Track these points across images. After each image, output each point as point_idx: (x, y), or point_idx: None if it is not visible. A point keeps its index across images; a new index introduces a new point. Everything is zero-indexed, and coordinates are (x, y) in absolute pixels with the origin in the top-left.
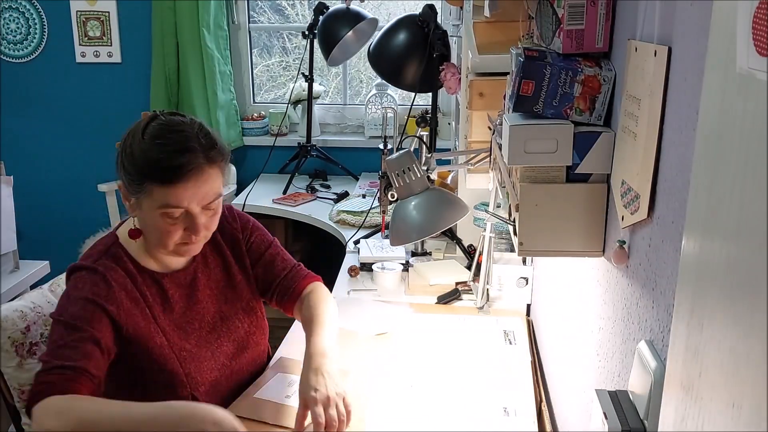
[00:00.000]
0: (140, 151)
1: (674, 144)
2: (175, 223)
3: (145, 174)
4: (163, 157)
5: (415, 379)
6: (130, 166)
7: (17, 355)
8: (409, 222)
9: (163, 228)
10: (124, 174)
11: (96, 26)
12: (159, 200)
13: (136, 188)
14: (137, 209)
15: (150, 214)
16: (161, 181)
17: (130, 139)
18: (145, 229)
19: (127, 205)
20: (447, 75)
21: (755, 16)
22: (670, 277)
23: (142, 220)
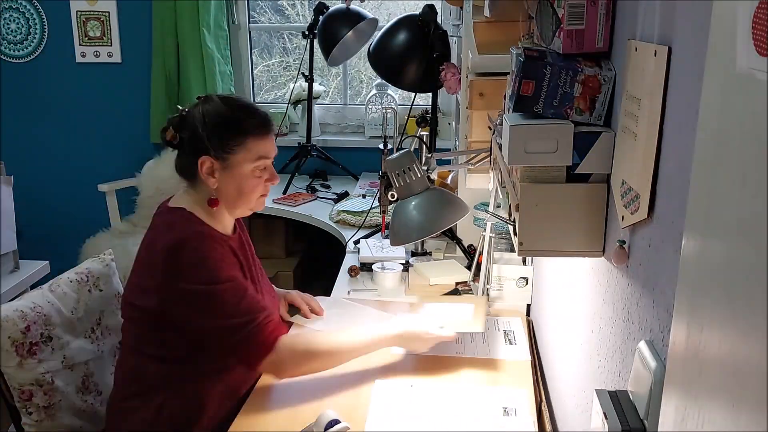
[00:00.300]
0: (236, 115)
1: (674, 144)
2: (261, 176)
3: (247, 130)
4: (252, 116)
5: (415, 380)
6: (227, 129)
7: (17, 355)
8: (409, 222)
9: (253, 182)
10: (214, 141)
11: (96, 26)
12: (256, 152)
13: (229, 149)
14: (225, 176)
15: (243, 171)
16: (259, 134)
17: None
18: (228, 193)
19: (211, 179)
20: (447, 75)
21: (755, 16)
22: (670, 277)
23: (226, 186)
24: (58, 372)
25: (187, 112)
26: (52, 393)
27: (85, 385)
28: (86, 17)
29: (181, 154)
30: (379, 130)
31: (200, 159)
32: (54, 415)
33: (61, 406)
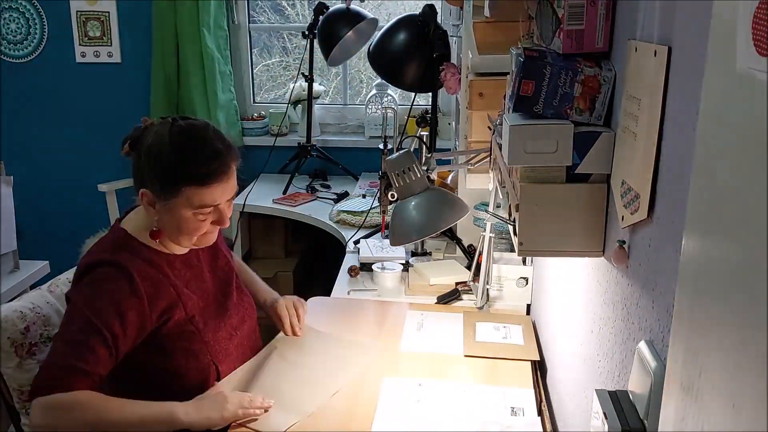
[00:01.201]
0: (175, 159)
1: (674, 144)
2: (206, 219)
3: (184, 180)
4: (198, 163)
5: (422, 379)
6: (163, 173)
7: (16, 356)
8: (409, 222)
9: (193, 225)
10: (154, 181)
11: (96, 26)
12: (196, 202)
13: (169, 193)
14: (164, 212)
15: (181, 214)
16: (199, 185)
17: (156, 148)
18: (169, 229)
19: (151, 210)
20: (447, 75)
21: (755, 16)
22: (670, 277)
23: (167, 221)
24: None
25: (145, 130)
26: None
27: None
28: (86, 17)
29: (133, 173)
30: (379, 130)
31: (141, 190)
32: None
33: None
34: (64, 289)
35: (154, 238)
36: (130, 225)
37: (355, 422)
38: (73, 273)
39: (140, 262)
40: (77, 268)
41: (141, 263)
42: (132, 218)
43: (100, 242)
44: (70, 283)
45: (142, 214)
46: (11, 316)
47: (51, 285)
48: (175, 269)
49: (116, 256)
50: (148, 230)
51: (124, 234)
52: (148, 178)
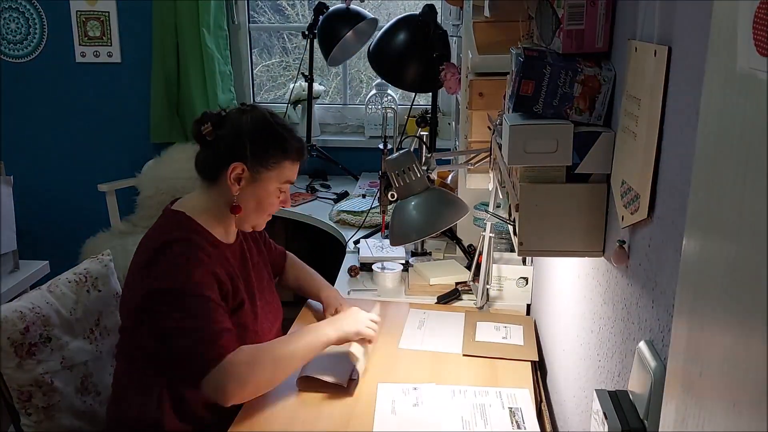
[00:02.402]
0: (280, 134)
1: (674, 144)
2: (280, 197)
3: (286, 153)
4: (294, 140)
5: (417, 383)
6: (267, 145)
7: (16, 356)
8: (409, 222)
9: (272, 200)
10: (257, 152)
11: (96, 26)
12: (286, 175)
13: (267, 166)
14: (250, 187)
15: (268, 188)
16: (296, 159)
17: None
18: (246, 204)
19: (235, 186)
20: (447, 75)
21: (756, 16)
22: (670, 277)
23: (247, 196)
24: (57, 373)
25: (229, 113)
26: (51, 394)
27: (84, 386)
28: (86, 17)
29: (210, 153)
30: (378, 130)
31: (233, 164)
32: (53, 416)
33: (60, 407)
34: (63, 289)
35: (234, 213)
36: (186, 208)
37: (354, 427)
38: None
39: (206, 243)
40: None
41: (207, 245)
42: (187, 202)
43: (161, 225)
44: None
45: (198, 199)
46: (11, 316)
47: (51, 285)
48: (228, 257)
49: (186, 234)
50: (206, 213)
51: (183, 216)
52: (252, 150)
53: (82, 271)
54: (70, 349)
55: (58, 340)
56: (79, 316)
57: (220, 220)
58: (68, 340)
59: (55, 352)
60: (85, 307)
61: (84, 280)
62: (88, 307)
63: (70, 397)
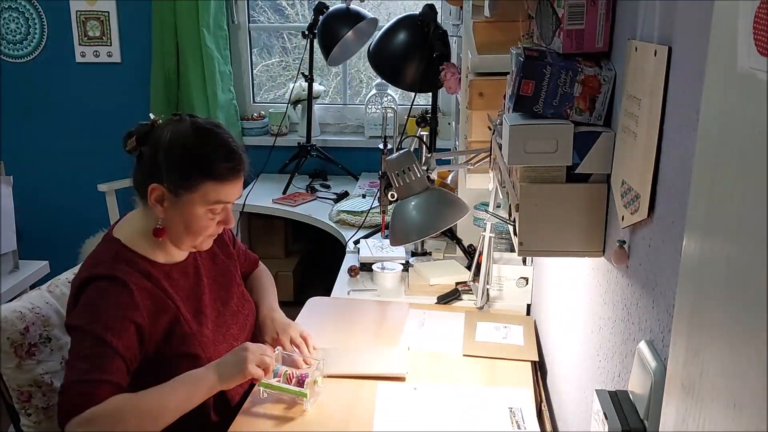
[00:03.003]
0: (198, 153)
1: (674, 144)
2: (214, 218)
3: (205, 174)
4: (220, 158)
5: (417, 383)
6: (185, 167)
7: (16, 356)
8: (409, 222)
9: (203, 223)
10: (172, 175)
11: (96, 26)
12: (212, 198)
13: (186, 188)
14: (174, 209)
15: (194, 211)
16: (222, 179)
17: (180, 142)
18: (175, 227)
19: (159, 207)
20: (447, 75)
21: (756, 16)
22: (670, 277)
23: (174, 219)
24: (57, 373)
25: (156, 127)
26: (51, 394)
27: None
28: (86, 17)
29: (138, 170)
30: (378, 130)
31: (151, 185)
32: (53, 417)
33: None
34: (63, 290)
35: (157, 236)
36: (123, 234)
37: (354, 427)
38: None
39: (137, 275)
40: (73, 286)
41: (138, 277)
42: (125, 227)
43: (95, 255)
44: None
45: (136, 220)
46: (11, 317)
47: (51, 285)
48: (172, 280)
49: (112, 270)
50: (144, 236)
51: (118, 245)
52: (166, 171)
53: None
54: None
55: (58, 340)
56: None
57: (158, 243)
58: (68, 340)
59: (55, 352)
60: None
61: None
62: None
63: None
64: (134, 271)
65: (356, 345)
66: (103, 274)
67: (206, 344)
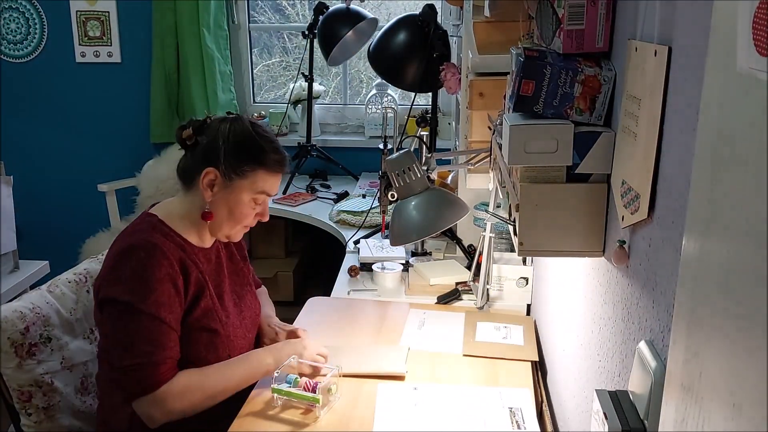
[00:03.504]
0: (256, 142)
1: (674, 144)
2: (255, 208)
3: (260, 162)
4: (275, 150)
5: (417, 383)
6: (243, 153)
7: (16, 356)
8: (409, 222)
9: (246, 211)
10: (229, 160)
11: (96, 26)
12: (260, 186)
13: (239, 173)
14: (222, 194)
15: (241, 197)
16: (272, 170)
17: (240, 131)
18: (218, 211)
19: (208, 192)
20: (447, 75)
21: (755, 16)
22: (670, 277)
23: (220, 204)
24: (57, 373)
25: (213, 120)
26: (52, 394)
27: (84, 386)
28: (86, 17)
29: (189, 158)
30: (379, 130)
31: (206, 169)
32: (53, 416)
33: (60, 407)
34: (63, 290)
35: (205, 219)
36: (161, 211)
37: (354, 427)
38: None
39: (172, 245)
40: (110, 254)
41: (172, 246)
42: (163, 206)
43: (132, 227)
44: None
45: (174, 205)
46: (11, 317)
47: (51, 285)
48: (200, 260)
49: (149, 237)
50: (180, 219)
51: (155, 219)
52: (225, 155)
53: (82, 271)
54: (70, 349)
55: (58, 340)
56: (79, 316)
57: (195, 226)
58: (68, 340)
59: (55, 353)
60: (85, 307)
61: (84, 280)
62: (88, 307)
63: (70, 397)
64: (169, 241)
65: (356, 344)
66: (142, 242)
67: (226, 323)
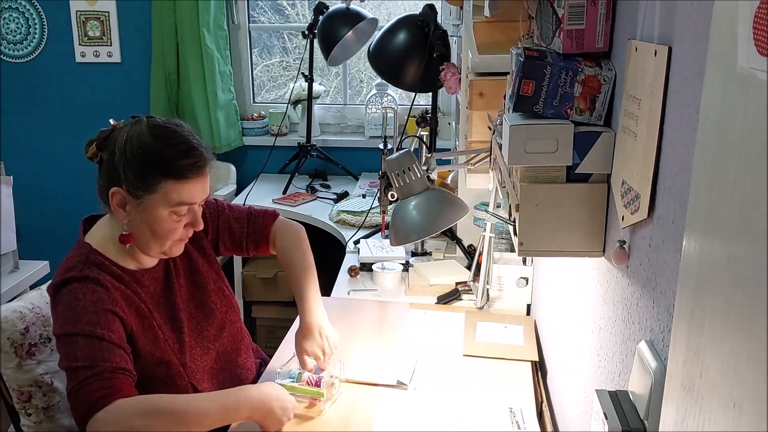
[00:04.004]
0: (154, 151)
1: (674, 144)
2: (180, 220)
3: (163, 173)
4: (178, 156)
5: (417, 383)
6: (142, 167)
7: (16, 356)
8: (409, 222)
9: (168, 226)
10: (129, 177)
11: (96, 26)
12: (173, 198)
13: (145, 189)
14: (137, 213)
15: (156, 213)
16: (178, 178)
17: (135, 141)
18: (140, 232)
19: (121, 212)
20: (447, 75)
21: (756, 16)
22: (670, 277)
23: (138, 223)
24: (57, 373)
25: (114, 131)
26: (51, 394)
27: None
28: (86, 17)
29: (99, 176)
30: (379, 130)
31: (111, 189)
32: (53, 417)
33: (60, 407)
34: None
35: (123, 243)
36: (94, 239)
37: (354, 427)
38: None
39: (109, 277)
40: (49, 293)
41: (110, 278)
42: (96, 232)
43: (66, 261)
44: None
45: (107, 225)
46: (11, 317)
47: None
48: (144, 287)
49: (84, 272)
50: (113, 242)
51: (88, 249)
52: (124, 174)
53: None
54: None
55: None
56: None
57: (127, 248)
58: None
59: (55, 352)
60: None
61: None
62: None
63: None
64: (104, 272)
65: (361, 349)
66: (75, 276)
67: (181, 350)
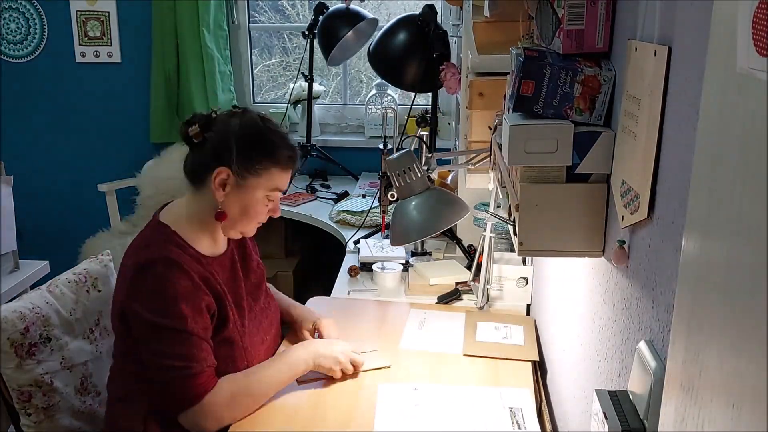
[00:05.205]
0: (268, 140)
1: (674, 144)
2: (268, 205)
3: (273, 160)
4: (284, 146)
5: (417, 383)
6: (255, 151)
7: (16, 356)
8: (409, 222)
9: (259, 208)
10: (239, 156)
11: (96, 26)
12: (273, 183)
13: (252, 172)
14: (236, 193)
15: (255, 195)
16: (285, 166)
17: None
18: (231, 211)
19: (220, 192)
20: (447, 75)
21: (755, 16)
22: (670, 277)
23: (231, 203)
24: (57, 373)
25: (219, 115)
26: (51, 394)
27: (83, 386)
28: (86, 17)
29: (197, 156)
30: (379, 130)
31: (218, 168)
32: (53, 417)
33: (60, 407)
34: (63, 290)
35: (219, 219)
36: (170, 219)
37: (354, 427)
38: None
39: (189, 259)
40: (127, 269)
41: (189, 260)
42: (171, 213)
43: (143, 239)
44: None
45: (182, 206)
46: (11, 317)
47: (51, 285)
48: (216, 271)
49: (167, 252)
50: (189, 223)
51: (166, 229)
52: (237, 154)
53: (82, 271)
54: (69, 349)
55: (57, 341)
56: (79, 317)
57: (207, 228)
58: (68, 340)
59: (55, 353)
60: (84, 307)
61: (84, 280)
62: (88, 307)
63: (70, 397)
64: (184, 253)
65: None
66: (158, 257)
67: (244, 333)
